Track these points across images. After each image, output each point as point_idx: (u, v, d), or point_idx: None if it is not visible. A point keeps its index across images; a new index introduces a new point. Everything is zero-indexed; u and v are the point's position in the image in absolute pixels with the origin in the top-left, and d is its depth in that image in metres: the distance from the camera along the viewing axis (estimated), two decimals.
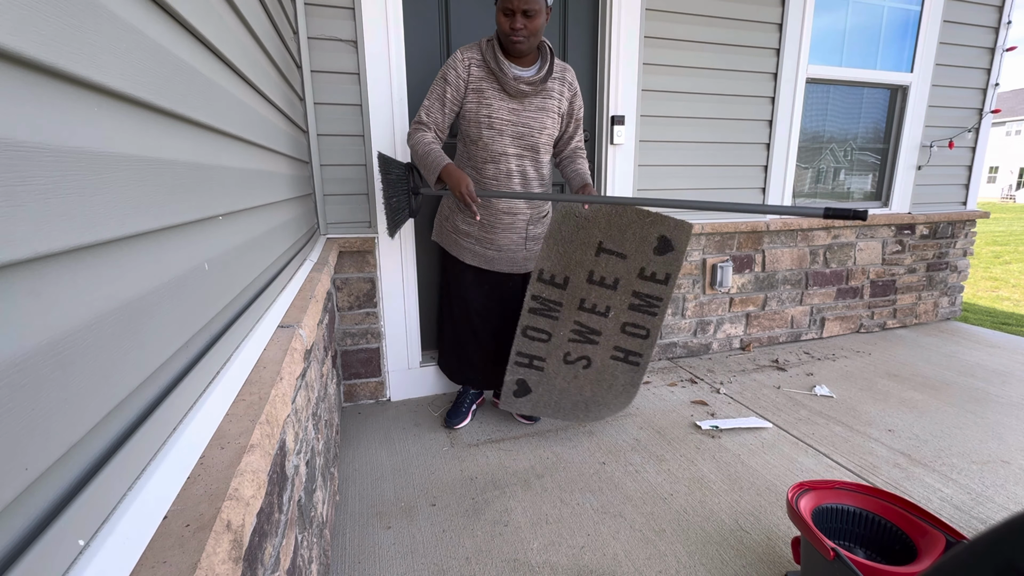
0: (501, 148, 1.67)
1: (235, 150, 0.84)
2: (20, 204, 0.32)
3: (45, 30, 0.35)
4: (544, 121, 1.68)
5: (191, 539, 0.42)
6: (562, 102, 1.72)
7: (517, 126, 1.66)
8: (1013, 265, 6.37)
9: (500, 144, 1.66)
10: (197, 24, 0.67)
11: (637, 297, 1.57)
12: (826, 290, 2.97)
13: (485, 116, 1.63)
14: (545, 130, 1.69)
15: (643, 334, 1.62)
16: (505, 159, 1.68)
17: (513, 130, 1.66)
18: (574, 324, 1.64)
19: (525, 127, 1.67)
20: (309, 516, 0.99)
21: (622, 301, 1.59)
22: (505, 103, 1.63)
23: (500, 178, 1.71)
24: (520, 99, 1.65)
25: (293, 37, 1.75)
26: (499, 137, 1.65)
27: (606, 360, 1.67)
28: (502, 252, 1.80)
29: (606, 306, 1.60)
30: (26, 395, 0.32)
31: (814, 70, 2.65)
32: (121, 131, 0.46)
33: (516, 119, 1.65)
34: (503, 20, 1.52)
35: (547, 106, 1.68)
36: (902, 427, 1.97)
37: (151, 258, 0.51)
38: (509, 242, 1.80)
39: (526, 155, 1.70)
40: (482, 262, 1.81)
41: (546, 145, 1.72)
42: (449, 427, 1.96)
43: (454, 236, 1.83)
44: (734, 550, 1.34)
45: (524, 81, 1.61)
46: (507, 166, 1.69)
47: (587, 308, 1.61)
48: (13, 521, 0.31)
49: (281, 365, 0.75)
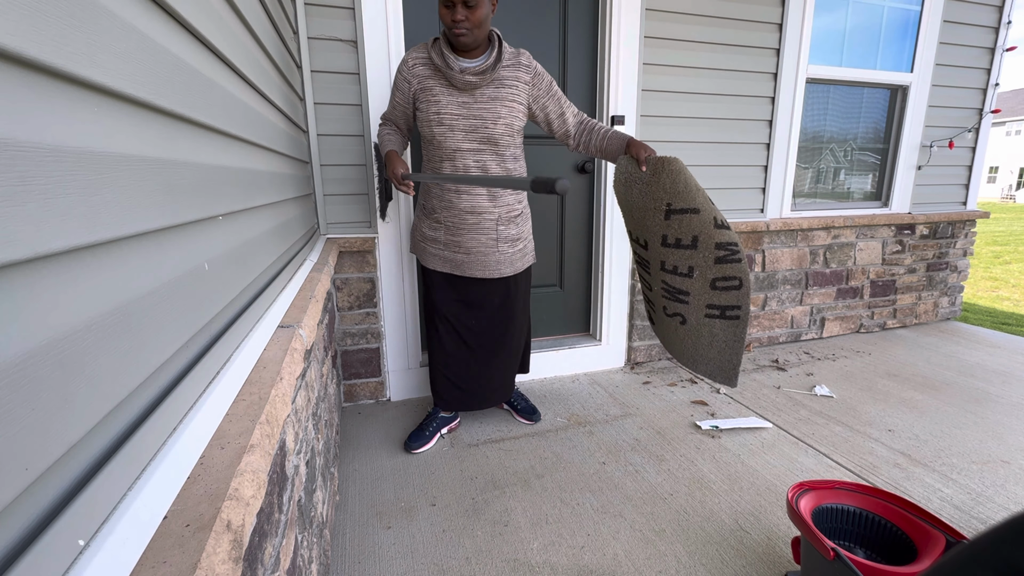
0: (454, 144, 1.58)
1: (235, 150, 0.84)
2: (20, 204, 0.32)
3: (45, 30, 0.35)
4: (498, 111, 1.57)
5: (191, 539, 0.42)
6: (519, 87, 1.60)
7: (469, 119, 1.56)
8: (1013, 265, 6.37)
9: (453, 140, 1.58)
10: (197, 24, 0.67)
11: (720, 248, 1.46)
12: (826, 290, 2.97)
13: (434, 113, 1.55)
14: (501, 120, 1.57)
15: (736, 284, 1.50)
16: (460, 155, 1.60)
17: (465, 124, 1.56)
18: (662, 284, 1.60)
19: (478, 119, 1.56)
20: (309, 516, 0.99)
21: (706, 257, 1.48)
22: (454, 98, 1.55)
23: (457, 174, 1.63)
24: (471, 92, 1.56)
25: (293, 37, 1.75)
26: (451, 133, 1.57)
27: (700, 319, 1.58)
28: (471, 255, 1.70)
29: (688, 267, 1.51)
30: (26, 395, 0.32)
31: (814, 70, 2.65)
32: (121, 131, 0.46)
33: (467, 112, 1.56)
34: (444, 12, 1.44)
35: (501, 95, 1.57)
36: (902, 427, 1.97)
37: (151, 258, 0.51)
38: (478, 244, 1.69)
39: (484, 149, 1.60)
40: (451, 267, 1.72)
41: (505, 136, 1.60)
42: (408, 451, 1.81)
43: (423, 244, 1.76)
44: (734, 550, 1.34)
45: (471, 72, 1.52)
46: (463, 162, 1.61)
47: (668, 270, 1.55)
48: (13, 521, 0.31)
49: (281, 365, 0.75)
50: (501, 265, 1.73)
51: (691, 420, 2.03)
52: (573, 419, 2.05)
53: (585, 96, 2.32)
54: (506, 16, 2.13)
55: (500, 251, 1.71)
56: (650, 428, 1.97)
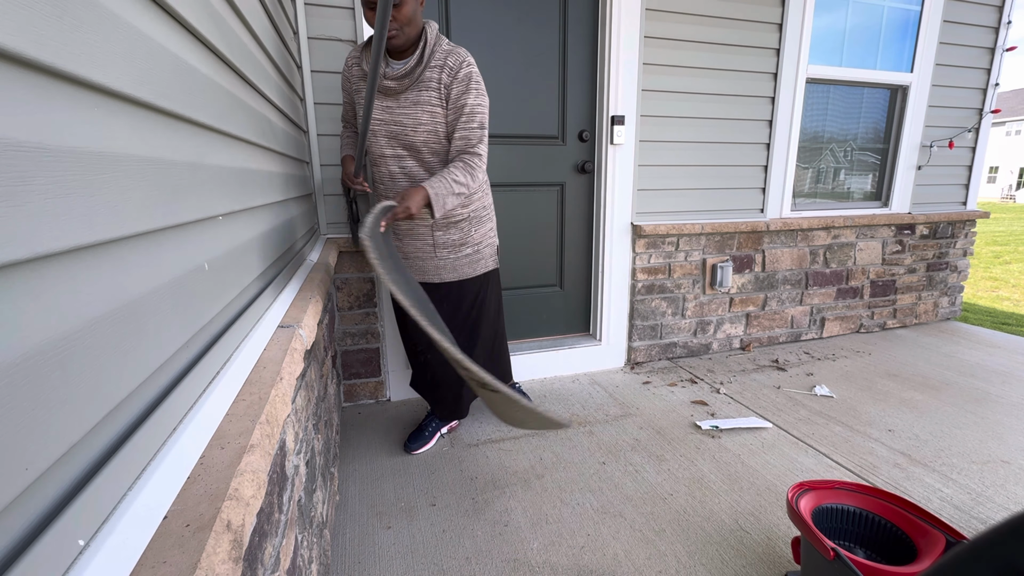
0: (379, 149, 1.56)
1: (235, 150, 0.84)
2: (20, 204, 0.32)
3: (45, 30, 0.35)
4: (419, 117, 1.48)
5: (191, 539, 0.42)
6: (440, 90, 1.48)
7: (390, 125, 1.51)
8: (1013, 265, 6.37)
9: (377, 146, 1.55)
10: (197, 24, 0.67)
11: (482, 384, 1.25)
12: (826, 290, 2.97)
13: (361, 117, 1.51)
14: (421, 126, 1.49)
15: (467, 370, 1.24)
16: (384, 161, 1.57)
17: (386, 130, 1.52)
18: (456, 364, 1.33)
19: (398, 125, 1.50)
20: (309, 516, 0.99)
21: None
22: (379, 102, 1.50)
23: (385, 180, 1.61)
24: (395, 96, 1.48)
25: (293, 37, 1.75)
26: (375, 139, 1.54)
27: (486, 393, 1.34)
28: (409, 260, 1.68)
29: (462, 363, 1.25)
30: (26, 395, 0.32)
31: (814, 70, 2.65)
32: (121, 131, 0.46)
33: (389, 118, 1.50)
34: (368, 15, 1.36)
35: (421, 99, 1.47)
36: (902, 427, 1.97)
37: (151, 258, 0.51)
38: (415, 249, 1.66)
39: (406, 155, 1.55)
40: None
41: (427, 144, 1.52)
42: (408, 451, 1.80)
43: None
44: (734, 550, 1.34)
45: (390, 77, 1.44)
46: (387, 168, 1.58)
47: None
48: (13, 521, 0.31)
49: (281, 365, 0.75)
50: (441, 271, 1.67)
51: (691, 420, 2.03)
52: (573, 419, 2.05)
53: (585, 96, 2.32)
54: (506, 16, 2.13)
55: (439, 256, 1.66)
56: (650, 428, 1.97)
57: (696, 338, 2.73)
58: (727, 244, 2.67)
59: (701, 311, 2.71)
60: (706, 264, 2.65)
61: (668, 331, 2.66)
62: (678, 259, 2.58)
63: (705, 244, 2.62)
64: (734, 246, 2.69)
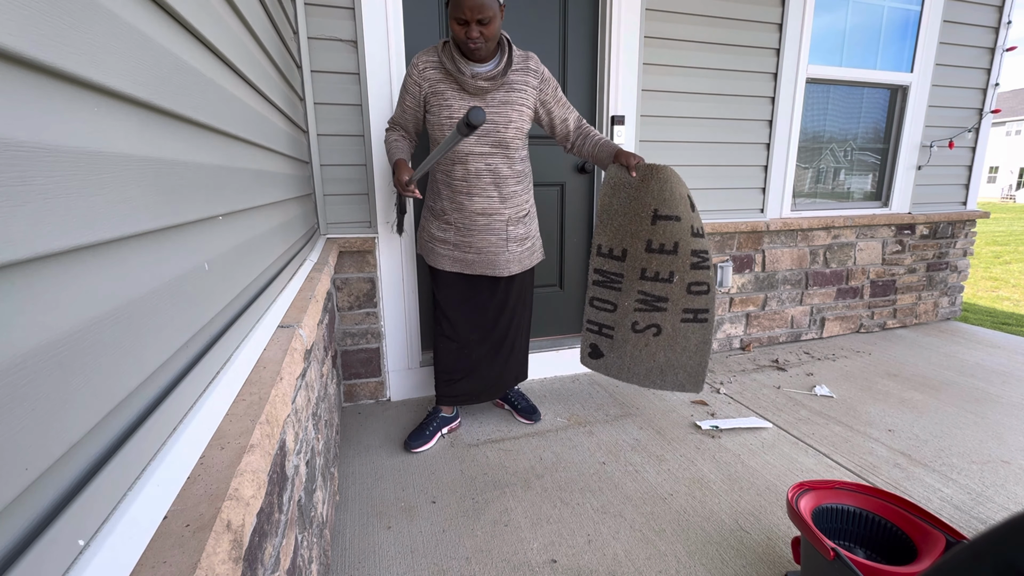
0: (467, 148, 1.60)
1: (235, 150, 0.84)
2: (20, 204, 0.32)
3: (45, 30, 0.35)
4: (510, 115, 1.60)
5: (191, 539, 0.42)
6: (528, 92, 1.63)
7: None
8: (1013, 265, 6.37)
9: (465, 144, 1.60)
10: (197, 24, 0.67)
11: (696, 255, 1.57)
12: (826, 290, 2.97)
13: (447, 117, 1.57)
14: (512, 124, 1.61)
15: (705, 289, 1.61)
16: (472, 159, 1.62)
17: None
18: (638, 295, 1.65)
19: (489, 123, 1.59)
20: (309, 516, 0.99)
21: (684, 263, 1.58)
22: (466, 102, 1.57)
23: (470, 179, 1.65)
24: (482, 96, 1.58)
25: (293, 37, 1.75)
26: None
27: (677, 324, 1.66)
28: (481, 255, 1.73)
29: (669, 271, 1.60)
30: (26, 395, 0.32)
31: (814, 70, 2.65)
32: (121, 131, 0.46)
33: None
34: (458, 29, 1.46)
35: (511, 99, 1.60)
36: (902, 427, 1.97)
37: (151, 258, 0.51)
38: (488, 244, 1.72)
39: (496, 152, 1.63)
40: (461, 266, 1.75)
41: (515, 140, 1.64)
42: (408, 450, 1.82)
43: (430, 245, 1.78)
44: (734, 550, 1.34)
45: (483, 77, 1.54)
46: (476, 166, 1.63)
47: (650, 277, 1.62)
48: (13, 521, 0.31)
49: (281, 365, 0.75)
50: (511, 264, 1.77)
51: (691, 420, 2.03)
52: (573, 419, 2.05)
53: (585, 96, 2.32)
54: (507, 16, 2.13)
55: (509, 251, 1.75)
56: (650, 428, 1.97)
57: None
58: (727, 244, 2.67)
59: None
60: None
61: None
62: None
63: None
64: (734, 246, 2.69)
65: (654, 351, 1.71)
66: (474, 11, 1.40)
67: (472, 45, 1.47)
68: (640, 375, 1.77)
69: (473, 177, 1.65)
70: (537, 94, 1.66)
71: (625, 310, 1.69)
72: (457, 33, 1.47)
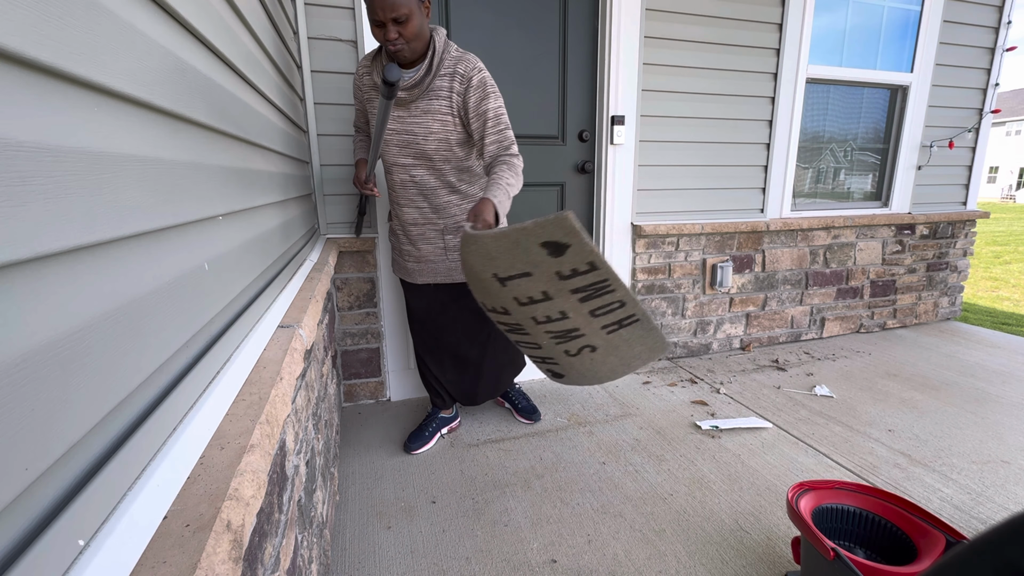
0: (391, 158, 1.58)
1: (235, 150, 0.84)
2: (20, 204, 0.32)
3: (45, 30, 0.35)
4: (430, 126, 1.51)
5: (191, 539, 0.42)
6: (452, 98, 1.49)
7: (402, 134, 1.53)
8: (1013, 265, 6.37)
9: (390, 154, 1.58)
10: (197, 24, 0.67)
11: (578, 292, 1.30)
12: (826, 290, 2.97)
13: (374, 126, 1.54)
14: (432, 135, 1.51)
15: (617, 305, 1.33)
16: (398, 169, 1.59)
17: (398, 139, 1.54)
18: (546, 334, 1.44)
19: (409, 134, 1.53)
20: (309, 516, 0.99)
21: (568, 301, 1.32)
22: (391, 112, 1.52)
23: (397, 189, 1.63)
24: (404, 106, 1.51)
25: (293, 37, 1.75)
26: (388, 148, 1.57)
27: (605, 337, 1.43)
28: (421, 263, 1.70)
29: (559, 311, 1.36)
30: (26, 395, 0.32)
31: (814, 70, 2.65)
32: (121, 131, 0.46)
33: (401, 127, 1.53)
34: (376, 32, 1.38)
35: (432, 108, 1.49)
36: (902, 427, 1.97)
37: (151, 258, 0.51)
38: (426, 253, 1.69)
39: (418, 164, 1.57)
40: (406, 274, 1.75)
41: (438, 151, 1.54)
42: (408, 451, 1.81)
43: (392, 253, 1.82)
44: (734, 550, 1.34)
45: (401, 87, 1.46)
46: (401, 176, 1.61)
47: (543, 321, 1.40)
48: (13, 521, 0.31)
49: (281, 365, 0.75)
50: (452, 272, 1.69)
51: (691, 420, 2.03)
52: (573, 419, 2.05)
53: (585, 96, 2.32)
54: (507, 16, 2.13)
55: (449, 259, 1.69)
56: (650, 428, 1.97)
57: (696, 338, 2.73)
58: (727, 244, 2.67)
59: (701, 311, 2.71)
60: (706, 264, 2.65)
61: (668, 331, 2.66)
62: (678, 259, 2.58)
63: (705, 244, 2.62)
64: (734, 246, 2.69)
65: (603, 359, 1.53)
66: (387, 10, 1.32)
67: (392, 48, 1.38)
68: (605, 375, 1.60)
69: (399, 187, 1.62)
70: (460, 101, 1.50)
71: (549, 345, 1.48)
72: (376, 37, 1.40)
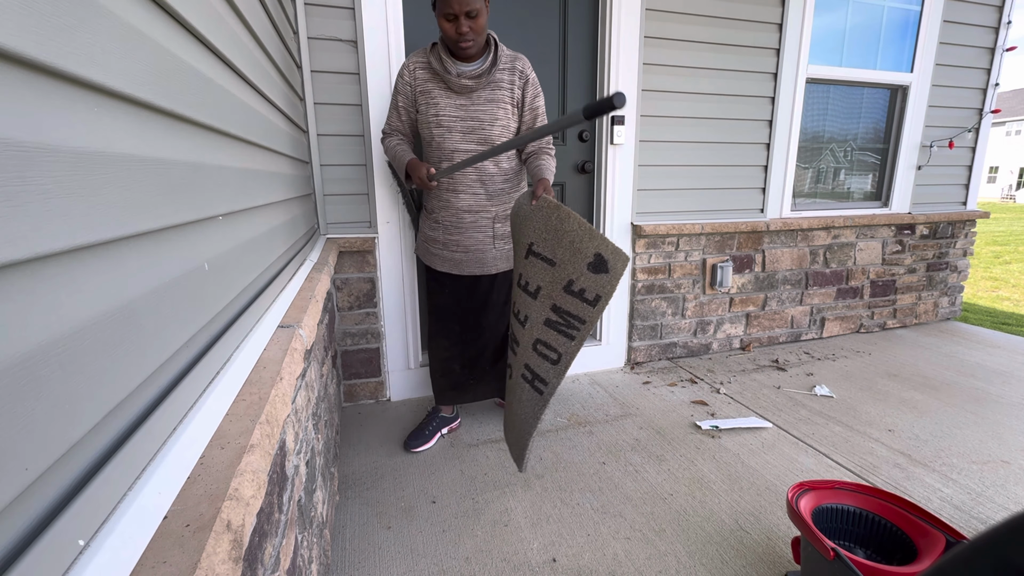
0: (452, 145, 1.63)
1: (235, 150, 0.84)
2: (20, 204, 0.32)
3: (45, 30, 0.35)
4: (495, 113, 1.63)
5: (191, 539, 0.42)
6: (514, 91, 1.65)
7: (466, 121, 1.61)
8: (1013, 265, 6.37)
9: (451, 141, 1.63)
10: (197, 24, 0.67)
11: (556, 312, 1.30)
12: (826, 290, 2.97)
13: (433, 115, 1.61)
14: (497, 122, 1.63)
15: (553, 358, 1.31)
16: (458, 156, 1.64)
17: (462, 125, 1.62)
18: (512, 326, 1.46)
19: (475, 120, 1.62)
20: (309, 516, 0.99)
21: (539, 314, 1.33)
22: (452, 100, 1.60)
23: (456, 176, 1.67)
24: (468, 95, 1.61)
25: (293, 37, 1.75)
26: (449, 134, 1.62)
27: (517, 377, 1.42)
28: (469, 253, 1.74)
29: (525, 315, 1.37)
30: (26, 395, 0.32)
31: (814, 70, 2.65)
32: (121, 131, 0.46)
33: (464, 114, 1.61)
34: (447, 26, 1.47)
35: (496, 97, 1.62)
36: (902, 427, 1.97)
37: (151, 258, 0.51)
38: (476, 242, 1.73)
39: (480, 149, 1.65)
40: (451, 266, 1.77)
41: (502, 137, 1.65)
42: (408, 450, 1.82)
43: (425, 245, 1.80)
44: (734, 550, 1.34)
45: (467, 76, 1.57)
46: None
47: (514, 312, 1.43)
48: (13, 521, 0.31)
49: (281, 365, 0.75)
50: (498, 261, 1.77)
51: (691, 420, 2.03)
52: (573, 419, 2.05)
53: (585, 96, 2.32)
54: (506, 16, 2.13)
55: (496, 248, 1.76)
56: (650, 428, 1.97)
57: (696, 338, 2.73)
58: (727, 244, 2.67)
59: (701, 311, 2.71)
60: (706, 264, 2.65)
61: (668, 331, 2.66)
62: (678, 259, 2.58)
63: (705, 244, 2.62)
64: (734, 246, 2.69)
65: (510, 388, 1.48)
66: (462, 4, 1.42)
67: (463, 42, 1.49)
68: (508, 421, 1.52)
69: (459, 174, 1.66)
70: (519, 94, 1.67)
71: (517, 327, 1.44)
72: (447, 31, 1.48)
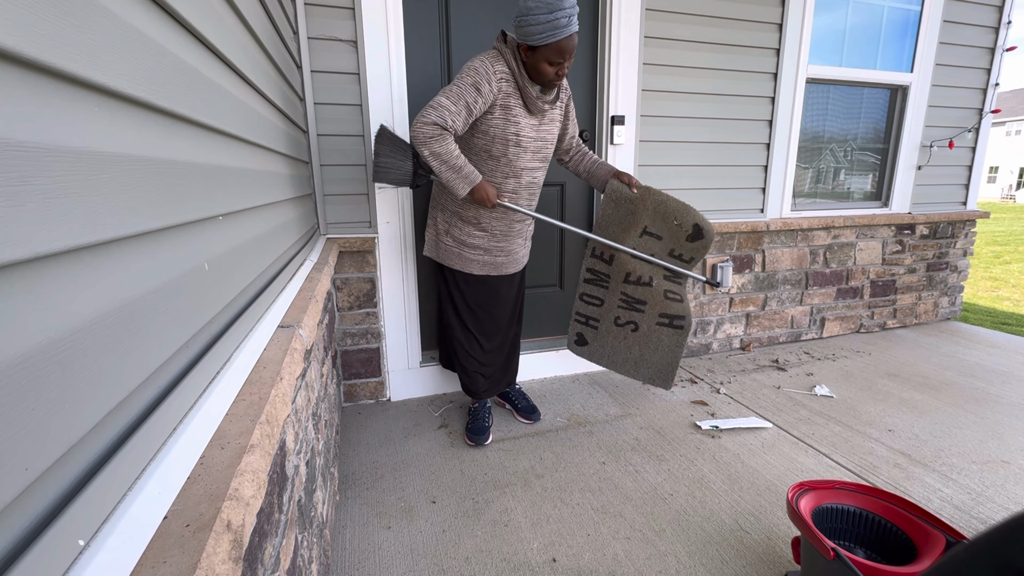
0: (524, 164, 1.69)
1: (235, 150, 0.84)
2: (20, 204, 0.32)
3: (45, 30, 0.35)
4: (554, 131, 1.75)
5: (191, 539, 0.42)
6: (561, 108, 1.76)
7: (538, 142, 1.69)
8: (1013, 265, 6.37)
9: (524, 160, 1.68)
10: (197, 24, 0.67)
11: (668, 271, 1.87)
12: (826, 290, 2.97)
13: (513, 135, 1.62)
14: (555, 139, 1.77)
15: (678, 299, 1.88)
16: (527, 173, 1.72)
17: (535, 146, 1.69)
18: (621, 295, 1.91)
19: (543, 141, 1.71)
20: (309, 516, 0.99)
21: (660, 273, 1.87)
22: (528, 120, 1.65)
23: (520, 191, 1.73)
24: (539, 115, 1.68)
25: (293, 37, 1.75)
26: (524, 154, 1.67)
27: (652, 326, 1.91)
28: (510, 256, 1.85)
29: (649, 276, 1.87)
30: (26, 395, 0.32)
31: (814, 70, 2.65)
32: (121, 131, 0.46)
33: (536, 135, 1.68)
34: (549, 69, 1.53)
35: (555, 116, 1.73)
36: (902, 427, 1.97)
37: (151, 258, 0.51)
38: (517, 246, 1.86)
39: (541, 166, 1.76)
40: (492, 269, 1.82)
41: (553, 152, 1.83)
42: (476, 444, 1.86)
43: (457, 250, 1.78)
44: (734, 550, 1.34)
45: (544, 100, 1.64)
46: (528, 179, 1.73)
47: (632, 281, 1.88)
48: (13, 521, 0.31)
49: (281, 365, 0.75)
50: (525, 258, 1.95)
51: (691, 420, 2.03)
52: (573, 419, 2.05)
53: (585, 96, 2.32)
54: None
55: (526, 247, 1.93)
56: (650, 428, 1.97)
57: (696, 338, 2.73)
58: (727, 244, 2.67)
59: (701, 311, 2.71)
60: (706, 264, 2.65)
61: None
62: None
63: None
64: (734, 246, 2.69)
65: (631, 344, 1.97)
66: (572, 53, 1.52)
67: (557, 81, 1.57)
68: (618, 363, 2.02)
69: (523, 189, 1.75)
70: (565, 109, 1.79)
71: (610, 305, 1.95)
72: (546, 72, 1.54)
